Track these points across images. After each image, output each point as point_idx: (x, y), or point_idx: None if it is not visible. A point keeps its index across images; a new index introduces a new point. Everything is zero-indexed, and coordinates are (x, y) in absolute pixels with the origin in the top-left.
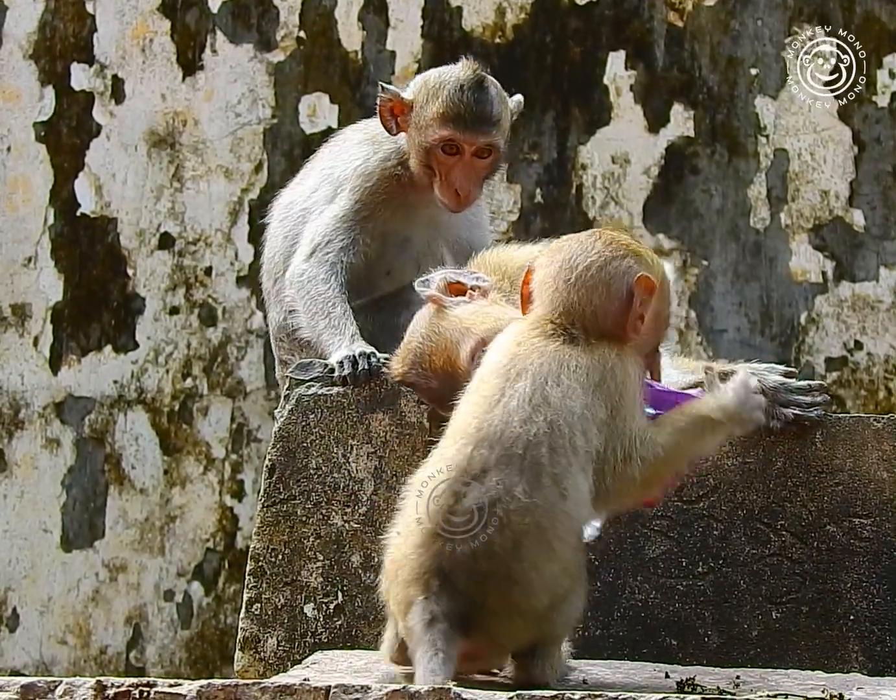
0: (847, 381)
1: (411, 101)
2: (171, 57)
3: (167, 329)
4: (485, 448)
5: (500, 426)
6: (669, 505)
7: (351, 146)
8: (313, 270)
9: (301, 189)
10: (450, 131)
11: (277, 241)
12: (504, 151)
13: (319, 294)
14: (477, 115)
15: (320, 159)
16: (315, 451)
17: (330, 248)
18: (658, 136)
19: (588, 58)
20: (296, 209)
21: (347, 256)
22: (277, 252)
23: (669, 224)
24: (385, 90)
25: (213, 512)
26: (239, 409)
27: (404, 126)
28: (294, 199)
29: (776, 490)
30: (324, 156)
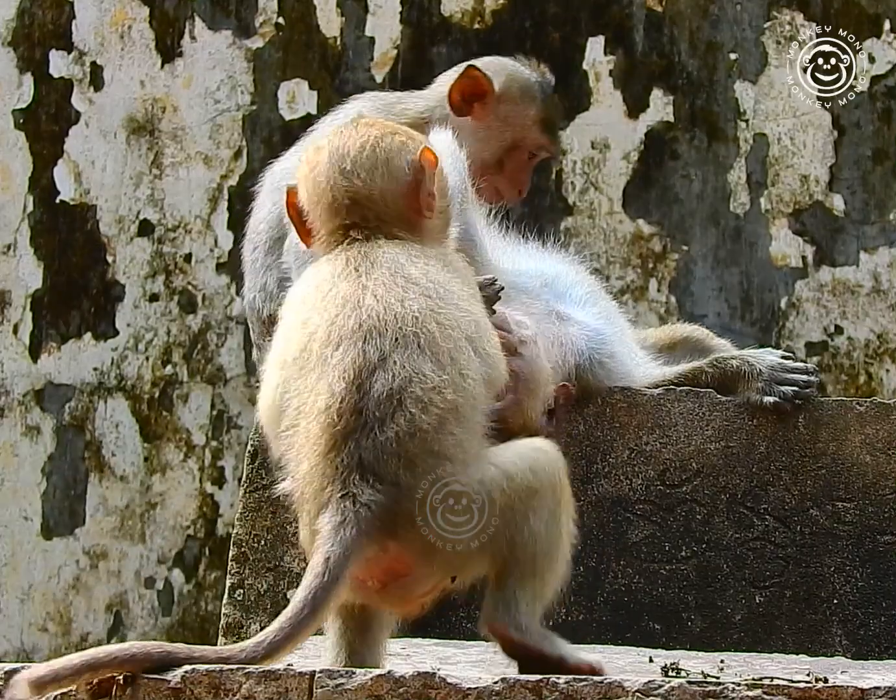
0: (828, 365)
1: (500, 93)
2: (149, 44)
3: (147, 316)
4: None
5: (378, 312)
6: (652, 489)
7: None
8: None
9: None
10: (547, 140)
11: (264, 211)
12: None
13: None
14: (560, 127)
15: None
16: None
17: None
18: (637, 121)
19: (567, 43)
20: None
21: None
22: (263, 221)
23: (649, 209)
24: (477, 70)
25: (193, 499)
26: (219, 395)
27: (481, 113)
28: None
29: (759, 474)
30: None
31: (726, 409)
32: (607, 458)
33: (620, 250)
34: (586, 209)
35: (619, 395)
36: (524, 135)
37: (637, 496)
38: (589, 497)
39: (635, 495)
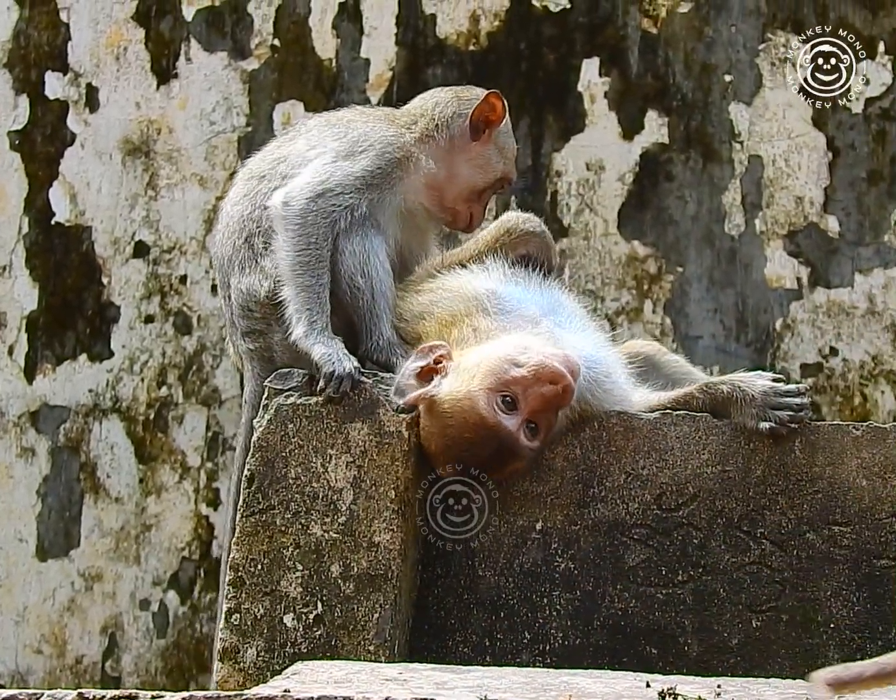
0: (823, 387)
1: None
2: (145, 65)
3: (142, 337)
4: None
5: None
6: (649, 513)
7: (371, 120)
8: (317, 217)
9: (292, 147)
10: (515, 176)
11: (258, 198)
12: None
13: (315, 247)
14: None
15: (315, 126)
16: (294, 461)
17: (338, 201)
18: (632, 142)
19: (562, 64)
20: (284, 166)
21: (345, 220)
22: (257, 208)
23: (644, 230)
24: (499, 97)
25: (188, 521)
26: (214, 417)
27: (486, 140)
28: (283, 155)
29: (756, 498)
30: (318, 124)
31: (722, 433)
32: (604, 482)
33: (616, 271)
34: (581, 230)
35: (616, 420)
36: (509, 169)
37: (634, 520)
38: (585, 521)
39: (632, 519)
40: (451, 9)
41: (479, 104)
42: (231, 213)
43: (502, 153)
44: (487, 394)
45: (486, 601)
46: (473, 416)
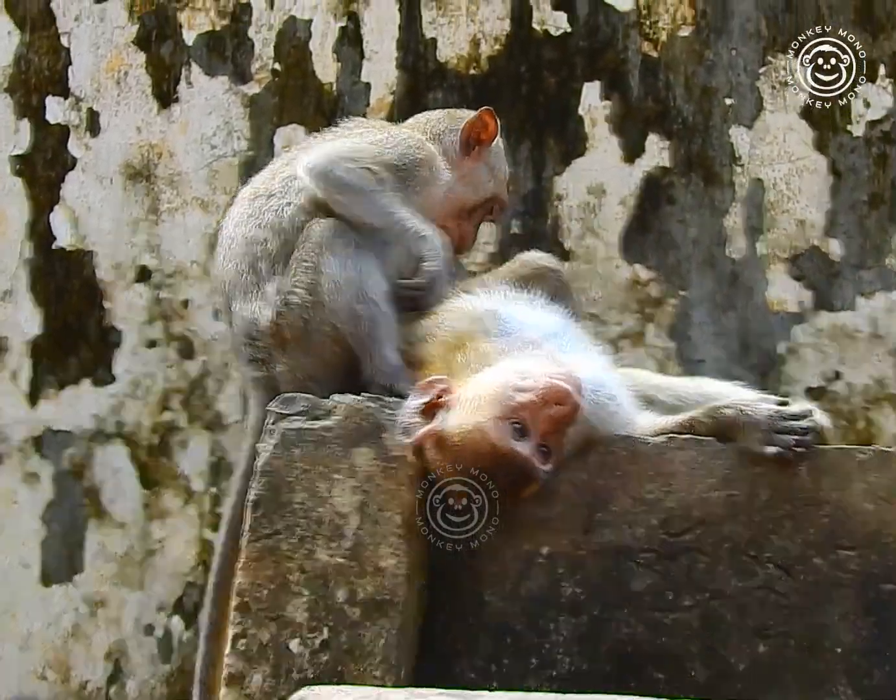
0: (826, 411)
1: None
2: (146, 89)
3: (145, 362)
4: None
5: None
6: (654, 538)
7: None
8: (356, 175)
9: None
10: (507, 202)
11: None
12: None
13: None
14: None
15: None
16: (299, 486)
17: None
18: (634, 166)
19: (563, 88)
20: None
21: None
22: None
23: (646, 254)
24: (492, 115)
25: (192, 546)
26: (218, 442)
27: (477, 157)
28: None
29: (762, 522)
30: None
31: (728, 458)
32: (609, 506)
33: (618, 295)
34: (583, 255)
35: (621, 444)
36: (499, 191)
37: (640, 545)
38: (592, 546)
39: (638, 544)
40: (451, 33)
41: (472, 120)
42: (234, 235)
43: (493, 173)
44: (497, 423)
45: (492, 626)
46: (485, 446)
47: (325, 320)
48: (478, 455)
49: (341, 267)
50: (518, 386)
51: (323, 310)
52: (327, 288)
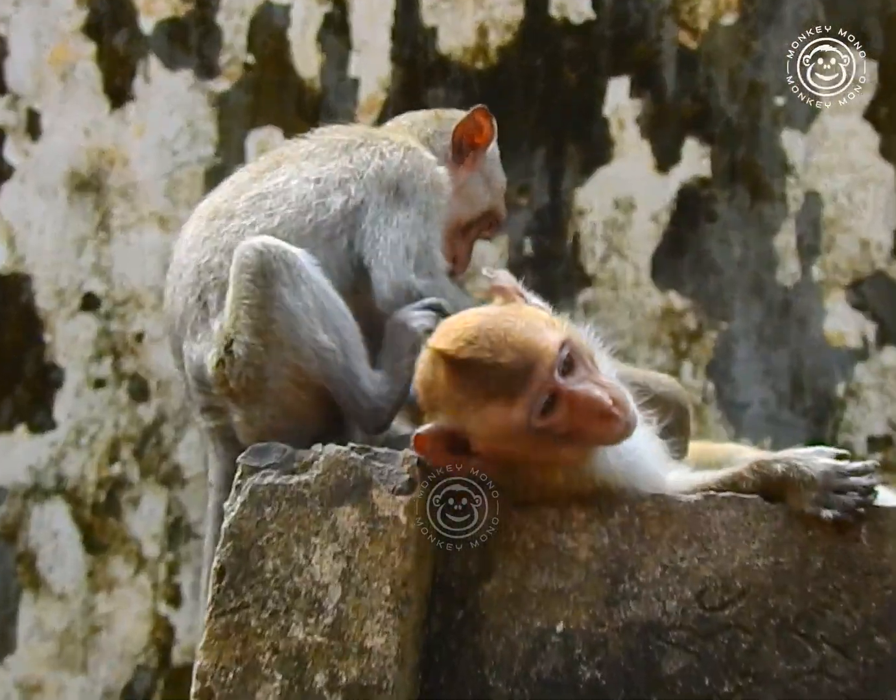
0: (892, 464)
1: (491, 148)
2: (96, 85)
3: (91, 405)
4: None
5: None
6: (689, 612)
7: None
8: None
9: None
10: (503, 215)
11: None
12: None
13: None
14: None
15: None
16: (272, 551)
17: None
18: (668, 175)
19: (585, 85)
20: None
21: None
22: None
23: (682, 280)
24: (486, 114)
25: (144, 622)
26: (175, 499)
27: (471, 165)
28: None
29: (815, 595)
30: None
31: (775, 519)
32: (636, 575)
33: (648, 327)
34: (608, 279)
35: (650, 503)
36: (497, 203)
37: (671, 621)
38: (615, 622)
39: (669, 620)
40: (455, 20)
41: (464, 122)
42: (186, 261)
43: (489, 183)
44: (565, 338)
45: None
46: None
47: (284, 363)
48: (527, 337)
49: (292, 294)
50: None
51: (279, 351)
52: (279, 325)
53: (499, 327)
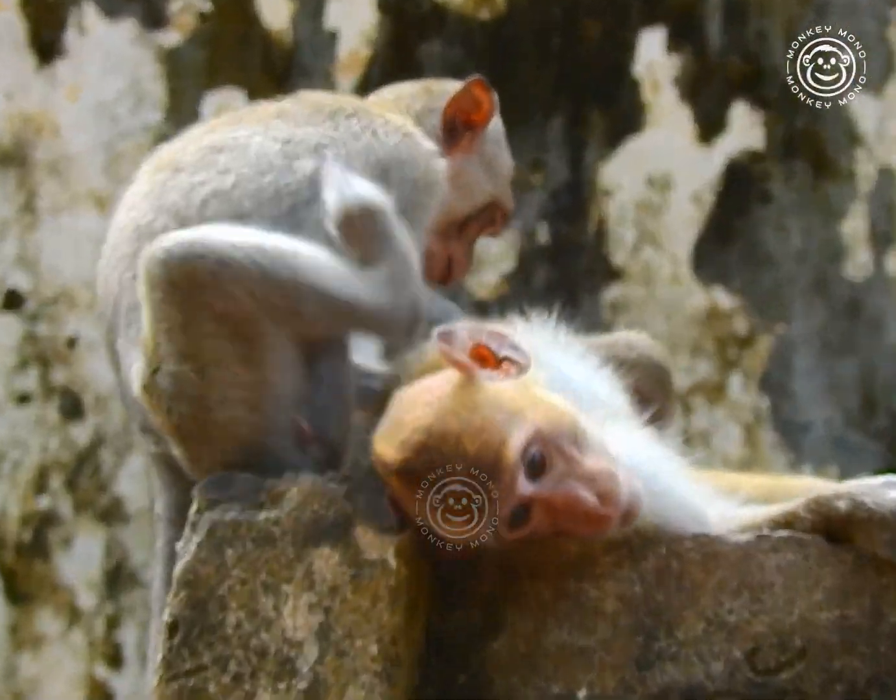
0: None
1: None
2: (19, 38)
3: (13, 425)
4: None
5: None
6: (738, 675)
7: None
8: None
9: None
10: (511, 206)
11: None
12: None
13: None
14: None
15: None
16: (235, 602)
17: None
18: (712, 148)
19: (611, 38)
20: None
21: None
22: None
23: (729, 273)
24: (485, 86)
25: (78, 686)
26: (116, 538)
27: (467, 149)
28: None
29: (889, 655)
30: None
31: (842, 563)
32: (674, 632)
33: (688, 332)
34: (639, 273)
35: (690, 544)
36: (501, 192)
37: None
38: (648, 688)
39: (714, 685)
40: None
41: (457, 96)
42: (123, 224)
43: (491, 169)
44: (534, 432)
45: None
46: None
47: (232, 383)
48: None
49: (221, 299)
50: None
51: (221, 371)
52: (214, 341)
53: (450, 430)
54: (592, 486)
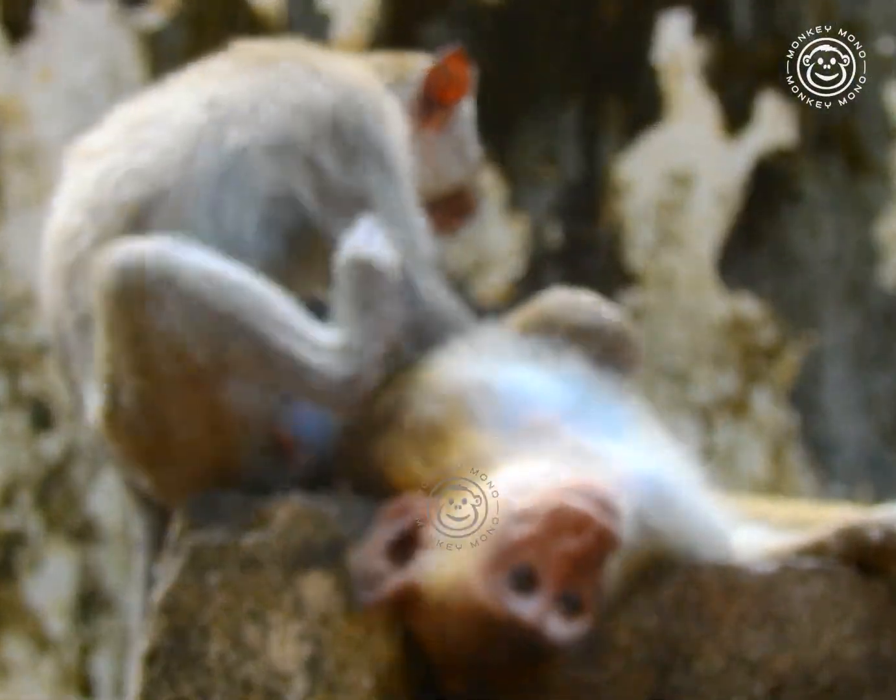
0: None
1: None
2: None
3: None
4: None
5: None
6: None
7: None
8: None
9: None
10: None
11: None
12: None
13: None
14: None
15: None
16: (218, 631)
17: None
18: (739, 141)
19: (630, 21)
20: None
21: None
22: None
23: (756, 279)
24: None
25: None
26: (89, 560)
27: (438, 125)
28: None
29: None
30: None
31: (873, 595)
32: (692, 666)
33: (711, 341)
34: (658, 277)
35: (710, 573)
36: (470, 179)
37: None
38: None
39: None
40: None
41: (435, 69)
42: (51, 232)
43: (462, 149)
44: (488, 576)
45: None
46: (474, 612)
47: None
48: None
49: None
50: (514, 512)
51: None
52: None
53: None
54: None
